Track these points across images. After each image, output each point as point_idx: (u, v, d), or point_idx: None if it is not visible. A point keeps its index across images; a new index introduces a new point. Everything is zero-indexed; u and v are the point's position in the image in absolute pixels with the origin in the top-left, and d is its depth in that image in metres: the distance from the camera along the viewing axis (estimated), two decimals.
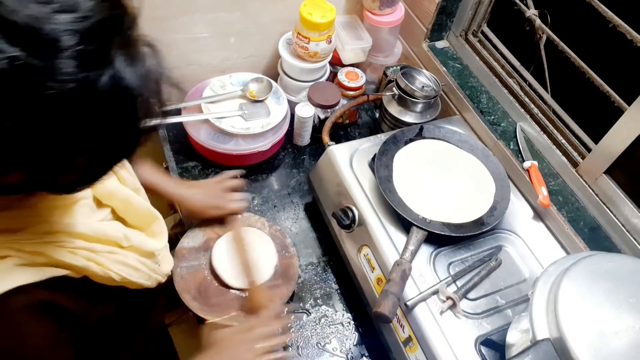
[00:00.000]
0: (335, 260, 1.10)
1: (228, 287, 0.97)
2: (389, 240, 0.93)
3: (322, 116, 1.24)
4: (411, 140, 1.07)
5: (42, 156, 0.43)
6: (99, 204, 0.68)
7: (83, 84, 0.41)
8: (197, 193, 1.00)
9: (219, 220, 1.04)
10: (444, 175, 1.02)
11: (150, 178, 0.94)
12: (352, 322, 1.02)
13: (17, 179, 0.45)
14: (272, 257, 1.01)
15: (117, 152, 0.51)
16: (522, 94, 1.15)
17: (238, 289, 0.96)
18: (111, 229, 0.66)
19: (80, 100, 0.42)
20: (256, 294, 0.93)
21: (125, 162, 0.75)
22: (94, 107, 0.43)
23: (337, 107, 1.22)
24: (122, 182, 0.72)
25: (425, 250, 0.92)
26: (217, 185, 1.03)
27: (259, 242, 1.04)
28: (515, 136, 1.12)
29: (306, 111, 1.21)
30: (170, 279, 0.92)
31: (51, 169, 0.46)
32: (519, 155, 1.09)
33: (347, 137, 1.33)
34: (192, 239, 1.03)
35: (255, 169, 1.23)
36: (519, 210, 1.03)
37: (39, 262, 0.56)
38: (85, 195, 0.64)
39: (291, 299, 1.01)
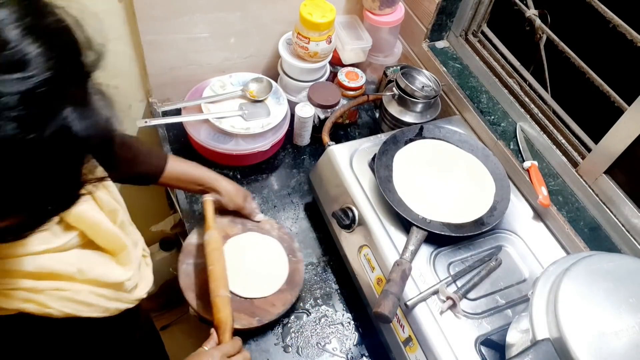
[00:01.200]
0: (335, 260, 1.10)
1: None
2: (389, 240, 0.93)
3: (322, 116, 1.24)
4: (411, 140, 1.07)
5: None
6: (67, 226, 0.64)
7: (27, 142, 0.39)
8: (231, 188, 1.04)
9: (228, 218, 1.07)
10: (444, 175, 1.02)
11: (185, 168, 0.99)
12: (352, 322, 1.02)
13: None
14: (283, 267, 1.03)
15: (56, 203, 0.48)
16: (522, 94, 1.15)
17: (242, 297, 0.97)
18: (62, 263, 0.62)
19: (19, 156, 0.39)
20: (223, 307, 0.88)
21: (108, 181, 0.73)
22: (32, 160, 0.40)
23: (337, 107, 1.22)
24: (98, 203, 0.69)
25: (425, 250, 0.92)
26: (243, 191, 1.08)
27: (273, 251, 1.05)
28: (515, 136, 1.12)
29: (306, 111, 1.21)
30: (171, 279, 0.92)
31: None
32: (519, 155, 1.09)
33: (347, 137, 1.33)
34: (200, 236, 1.03)
35: (255, 169, 1.23)
36: (519, 210, 1.03)
37: None
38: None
39: (295, 303, 1.01)
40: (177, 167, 0.98)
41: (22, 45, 0.39)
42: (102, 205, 0.70)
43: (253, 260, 1.03)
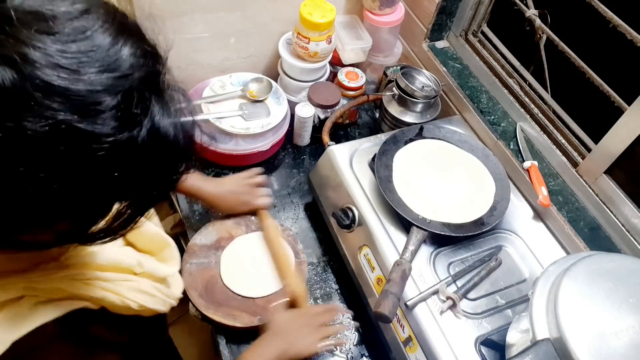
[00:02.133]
0: (335, 260, 1.10)
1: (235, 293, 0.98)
2: (389, 240, 0.93)
3: (322, 116, 1.24)
4: (411, 140, 1.07)
5: (82, 207, 0.43)
6: None
7: (124, 142, 0.41)
8: (228, 192, 1.03)
9: (232, 220, 1.07)
10: (444, 175, 1.02)
11: (188, 182, 0.96)
12: (352, 322, 1.02)
13: (49, 236, 0.45)
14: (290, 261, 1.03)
15: (154, 199, 0.50)
16: (522, 94, 1.15)
17: (244, 296, 0.97)
18: (124, 255, 0.64)
19: (121, 156, 0.41)
20: (297, 290, 0.94)
21: None
22: (133, 159, 0.43)
23: (337, 107, 1.22)
24: None
25: (425, 250, 0.92)
26: (244, 181, 1.07)
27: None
28: (515, 136, 1.12)
29: (306, 111, 1.21)
30: None
31: (89, 219, 0.45)
32: (519, 155, 1.09)
33: (347, 137, 1.33)
34: (204, 236, 1.04)
35: None
36: (519, 210, 1.03)
37: (55, 297, 0.55)
38: None
39: None
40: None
41: (116, 47, 0.41)
42: None
43: (257, 260, 1.03)
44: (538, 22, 1.13)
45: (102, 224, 0.47)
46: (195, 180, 0.99)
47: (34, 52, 0.37)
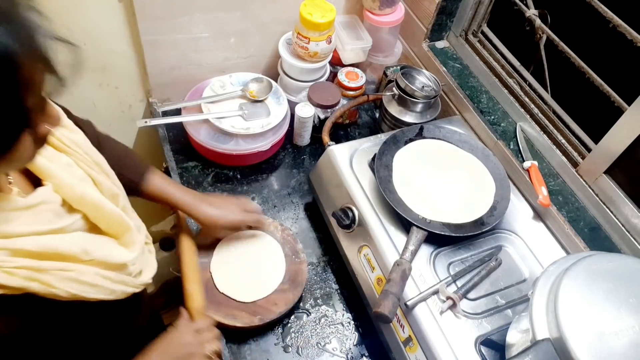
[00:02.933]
0: (335, 260, 1.10)
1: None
2: (389, 240, 0.93)
3: (322, 116, 1.24)
4: (411, 140, 1.07)
5: None
6: (70, 209, 0.66)
7: None
8: (219, 214, 0.96)
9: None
10: (444, 175, 1.02)
11: (175, 196, 0.93)
12: (352, 322, 1.02)
13: None
14: (280, 264, 1.03)
15: (6, 128, 0.49)
16: (522, 94, 1.15)
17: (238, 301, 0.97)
18: (67, 243, 0.62)
19: None
20: (194, 301, 0.89)
21: (106, 166, 0.74)
22: None
23: (337, 107, 1.22)
24: (98, 186, 0.71)
25: (425, 250, 0.92)
26: (236, 203, 1.01)
27: (268, 248, 1.05)
28: (515, 136, 1.12)
29: (306, 111, 1.21)
30: (172, 280, 0.92)
31: None
32: (519, 155, 1.09)
33: (347, 137, 1.33)
34: (205, 236, 1.04)
35: (255, 169, 1.24)
36: (519, 210, 1.03)
37: None
38: (45, 200, 0.62)
39: (297, 304, 1.01)
40: (157, 181, 0.93)
41: None
42: (103, 190, 0.71)
43: (248, 260, 1.02)
44: (538, 22, 1.13)
45: None
46: (182, 194, 0.95)
47: None
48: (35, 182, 0.65)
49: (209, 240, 1.03)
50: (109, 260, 0.68)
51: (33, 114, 0.51)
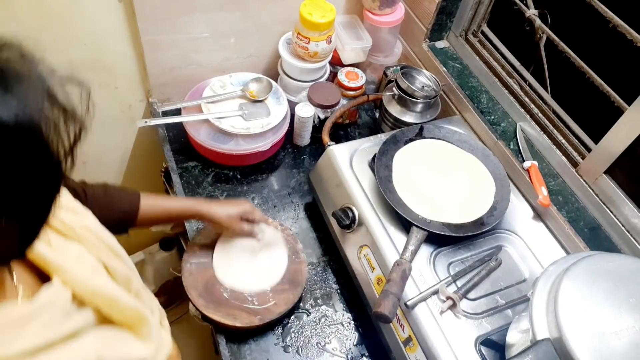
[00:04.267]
0: (335, 260, 1.10)
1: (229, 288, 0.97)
2: (389, 240, 0.93)
3: (322, 116, 1.24)
4: (411, 140, 1.07)
5: None
6: (80, 303, 0.59)
7: None
8: (227, 206, 0.97)
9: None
10: (444, 175, 1.02)
11: (166, 205, 0.93)
12: (352, 322, 1.02)
13: None
14: (283, 260, 1.03)
15: (42, 196, 0.45)
16: (522, 94, 1.15)
17: (238, 292, 0.97)
18: (79, 356, 0.55)
19: None
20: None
21: (117, 246, 0.69)
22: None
23: (337, 107, 1.22)
24: (111, 274, 0.65)
25: (425, 250, 0.92)
26: (237, 202, 1.01)
27: (273, 243, 1.05)
28: (515, 136, 1.12)
29: (306, 111, 1.21)
30: (172, 280, 0.92)
31: None
32: (519, 155, 1.09)
33: (347, 137, 1.33)
34: (204, 236, 1.04)
35: (255, 169, 1.24)
36: (519, 210, 1.03)
37: None
38: (53, 299, 0.55)
39: (297, 304, 1.01)
40: (152, 203, 0.90)
41: None
42: (117, 276, 0.65)
43: (250, 252, 1.02)
44: (538, 22, 1.13)
45: None
46: (171, 201, 0.96)
47: None
48: (41, 275, 0.58)
49: (209, 240, 1.03)
50: (127, 359, 0.62)
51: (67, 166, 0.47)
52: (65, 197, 0.65)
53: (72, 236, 0.62)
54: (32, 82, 0.43)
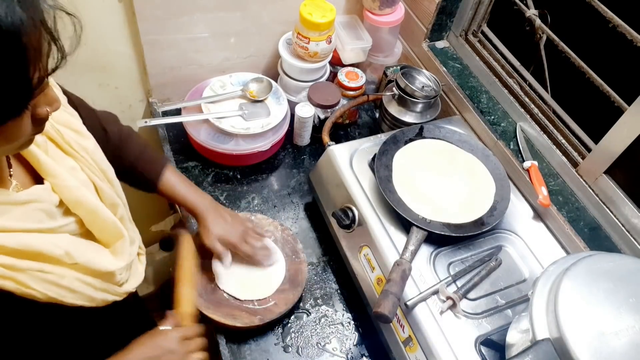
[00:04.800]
0: (335, 260, 1.10)
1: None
2: (389, 240, 0.93)
3: (322, 116, 1.24)
4: (411, 140, 1.07)
5: None
6: (66, 211, 0.65)
7: None
8: (223, 233, 0.96)
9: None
10: (444, 175, 1.02)
11: (179, 193, 0.94)
12: (352, 322, 1.02)
13: None
14: (280, 268, 1.02)
15: (10, 99, 0.48)
16: (522, 94, 1.15)
17: (237, 298, 0.97)
18: (49, 244, 0.60)
19: None
20: (184, 304, 0.88)
21: (111, 174, 0.74)
22: None
23: (337, 107, 1.22)
24: (99, 193, 0.70)
25: (425, 250, 0.92)
26: (244, 224, 1.00)
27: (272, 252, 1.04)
28: (515, 136, 1.12)
29: (306, 111, 1.21)
30: (172, 280, 0.92)
31: None
32: (519, 155, 1.09)
33: (347, 137, 1.33)
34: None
35: (255, 169, 1.24)
36: (519, 210, 1.03)
37: None
38: (39, 198, 0.61)
39: (297, 304, 1.01)
40: (173, 179, 0.94)
41: None
42: (103, 197, 0.71)
43: (250, 262, 1.02)
44: (538, 22, 1.13)
45: None
46: (199, 203, 0.95)
47: None
48: (37, 180, 0.65)
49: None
50: (94, 266, 0.66)
51: (36, 90, 0.50)
52: (72, 120, 0.71)
53: (69, 152, 0.68)
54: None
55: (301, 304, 1.03)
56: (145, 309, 1.03)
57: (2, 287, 0.56)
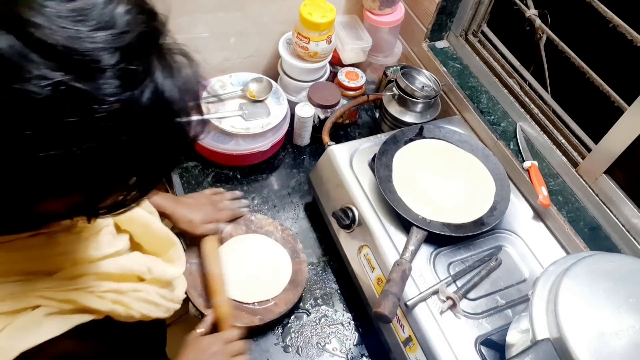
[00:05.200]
0: (335, 260, 1.10)
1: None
2: (389, 240, 0.93)
3: (322, 116, 1.24)
4: (411, 140, 1.07)
5: (91, 179, 0.42)
6: (118, 229, 0.66)
7: (128, 102, 0.40)
8: (191, 211, 0.98)
9: (233, 221, 1.07)
10: (444, 175, 1.02)
11: (156, 200, 0.94)
12: (352, 322, 1.02)
13: (61, 205, 0.44)
14: (286, 271, 1.02)
15: (163, 168, 0.49)
16: (522, 94, 1.15)
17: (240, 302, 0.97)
18: (136, 263, 0.64)
19: (126, 118, 0.40)
20: (223, 310, 0.91)
21: None
22: (139, 124, 0.42)
23: (337, 107, 1.22)
24: (141, 206, 0.70)
25: (425, 250, 0.92)
26: (209, 198, 1.05)
27: (276, 254, 1.05)
28: (515, 136, 1.12)
29: (306, 111, 1.21)
30: None
31: (101, 191, 0.44)
32: (519, 155, 1.09)
33: (347, 137, 1.33)
34: (204, 241, 1.03)
35: (255, 169, 1.23)
36: (519, 210, 1.03)
37: (66, 309, 0.54)
38: (107, 223, 0.62)
39: (297, 304, 1.01)
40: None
41: (111, 5, 0.40)
42: (144, 208, 0.71)
43: (255, 263, 1.03)
44: (538, 22, 1.13)
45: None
46: (158, 199, 0.95)
47: (29, 13, 0.36)
48: None
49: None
50: (164, 277, 0.68)
51: None
52: None
53: None
54: (191, 76, 0.47)
55: (301, 304, 1.03)
56: None
57: (114, 312, 0.58)
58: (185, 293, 0.95)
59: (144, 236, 0.69)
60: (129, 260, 0.63)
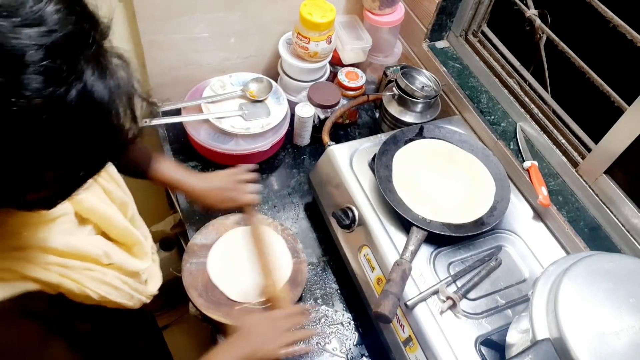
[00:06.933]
0: (335, 260, 1.10)
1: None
2: (389, 240, 0.93)
3: (322, 116, 1.24)
4: (411, 140, 1.07)
5: (8, 172, 0.42)
6: (82, 220, 0.66)
7: (50, 99, 0.40)
8: (212, 187, 0.99)
9: (232, 219, 1.07)
10: (444, 175, 1.02)
11: (170, 174, 0.95)
12: (352, 322, 1.02)
13: None
14: (287, 263, 1.02)
15: (88, 167, 0.49)
16: (522, 94, 1.15)
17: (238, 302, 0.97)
18: (89, 245, 0.63)
19: (48, 116, 0.41)
20: (276, 292, 0.93)
21: (115, 173, 0.75)
22: (62, 122, 0.42)
23: (337, 107, 1.22)
24: (109, 196, 0.71)
25: (425, 250, 0.92)
26: (232, 177, 1.03)
27: (276, 245, 1.05)
28: (515, 136, 1.12)
29: (306, 111, 1.21)
30: (172, 279, 0.92)
31: (19, 184, 0.44)
32: (519, 155, 1.09)
33: (347, 137, 1.33)
34: (204, 236, 1.04)
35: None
36: (519, 210, 1.03)
37: (7, 277, 0.54)
38: (66, 211, 0.62)
39: (297, 303, 1.01)
40: (162, 163, 0.95)
41: (40, 4, 0.41)
42: (113, 199, 0.71)
43: (246, 258, 1.02)
44: (538, 22, 1.13)
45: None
46: (175, 172, 0.97)
47: None
48: None
49: (209, 240, 1.03)
50: (125, 266, 0.68)
51: None
52: None
53: None
54: (125, 78, 0.49)
55: (301, 304, 1.03)
56: (147, 309, 1.04)
57: (62, 284, 0.58)
58: (186, 293, 0.95)
59: (107, 228, 0.69)
60: (82, 241, 0.63)
